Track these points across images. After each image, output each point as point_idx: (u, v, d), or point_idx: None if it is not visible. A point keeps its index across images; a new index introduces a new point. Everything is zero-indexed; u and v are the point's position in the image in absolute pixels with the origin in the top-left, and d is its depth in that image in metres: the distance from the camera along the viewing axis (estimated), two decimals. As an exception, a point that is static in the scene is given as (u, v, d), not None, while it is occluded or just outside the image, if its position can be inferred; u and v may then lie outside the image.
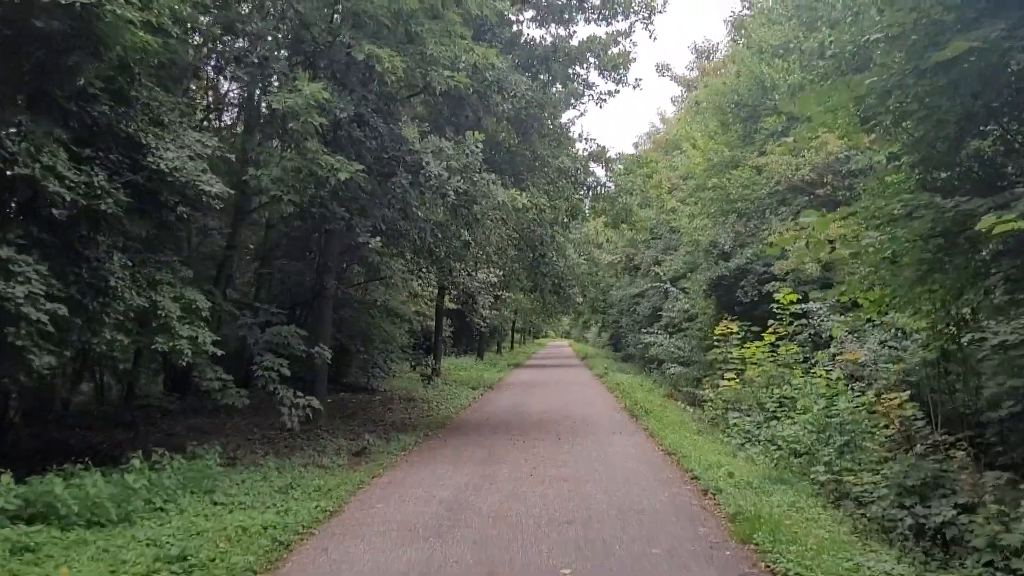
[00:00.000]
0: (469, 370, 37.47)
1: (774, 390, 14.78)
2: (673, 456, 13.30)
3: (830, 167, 19.96)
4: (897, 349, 14.64)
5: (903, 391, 12.50)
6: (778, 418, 13.85)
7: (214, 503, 9.76)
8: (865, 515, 8.78)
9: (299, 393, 13.39)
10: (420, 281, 26.75)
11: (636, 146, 42.29)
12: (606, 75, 17.76)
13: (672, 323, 31.33)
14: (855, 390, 12.75)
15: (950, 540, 7.58)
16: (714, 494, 10.20)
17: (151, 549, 7.35)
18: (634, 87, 18.30)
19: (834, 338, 14.52)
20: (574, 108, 18.60)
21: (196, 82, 17.86)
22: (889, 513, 8.38)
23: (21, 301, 8.07)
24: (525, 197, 13.86)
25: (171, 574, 6.80)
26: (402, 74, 12.11)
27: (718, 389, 17.98)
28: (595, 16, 17.77)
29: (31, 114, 9.06)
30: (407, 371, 29.84)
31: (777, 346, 16.07)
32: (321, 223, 13.25)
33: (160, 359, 18.09)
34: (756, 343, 16.27)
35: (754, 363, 16.45)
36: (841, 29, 10.71)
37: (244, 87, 15.46)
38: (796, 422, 12.78)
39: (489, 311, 35.90)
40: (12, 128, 8.55)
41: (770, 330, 16.57)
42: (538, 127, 16.08)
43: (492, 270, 26.25)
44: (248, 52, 11.42)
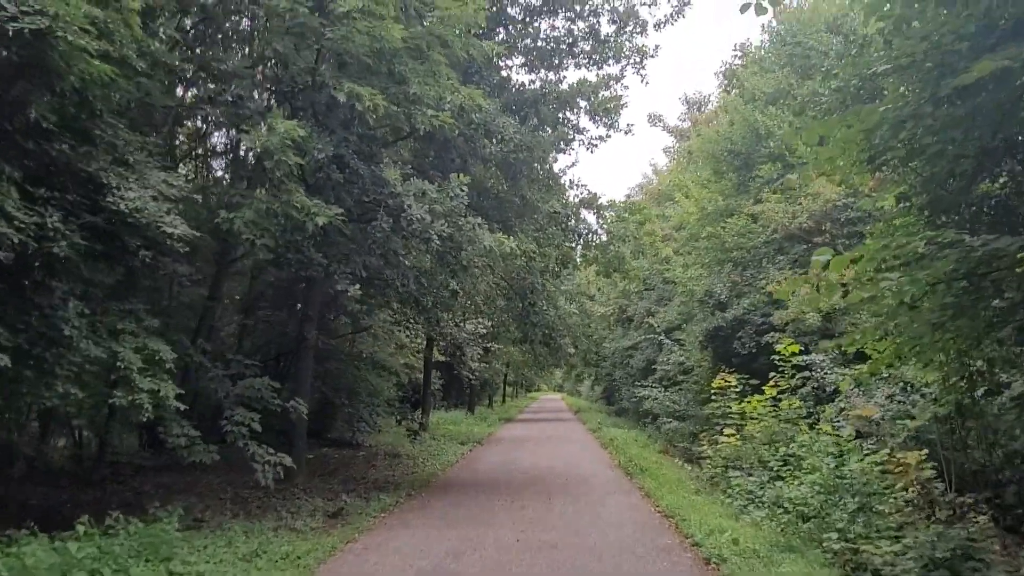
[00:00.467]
0: (458, 424, 36.47)
1: (779, 448, 13.97)
2: (671, 519, 12.44)
3: (828, 215, 19.47)
4: (905, 403, 13.93)
5: (917, 448, 11.76)
6: (783, 478, 13.03)
7: (170, 573, 8.87)
8: (888, 590, 7.97)
9: (271, 449, 12.54)
10: (407, 332, 25.98)
11: (628, 197, 41.93)
12: (597, 119, 17.31)
13: (667, 376, 30.55)
14: (865, 448, 11.98)
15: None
16: (717, 564, 9.34)
17: (85, 632, 6.49)
18: (626, 132, 17.87)
19: (840, 392, 13.77)
20: (565, 153, 18.14)
21: (182, 129, 17.37)
22: (917, 589, 7.58)
23: (-46, 351, 7.31)
24: (513, 242, 13.21)
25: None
26: (384, 113, 11.53)
27: (717, 445, 17.15)
28: (586, 61, 17.39)
29: (-22, 149, 8.42)
30: (393, 426, 28.88)
31: (779, 400, 15.31)
32: (298, 269, 12.54)
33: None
34: (756, 397, 15.51)
35: (755, 418, 15.67)
36: (846, 61, 10.18)
37: (223, 131, 14.96)
38: (803, 482, 11.98)
39: (478, 363, 35.03)
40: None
41: (771, 383, 15.82)
42: (527, 172, 15.53)
43: (480, 320, 25.55)
44: (222, 91, 10.86)
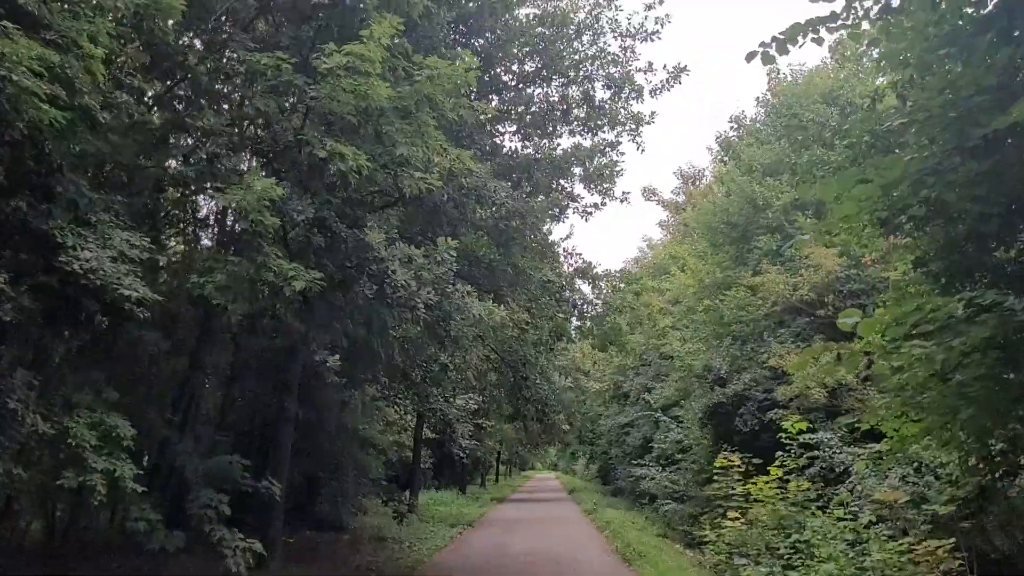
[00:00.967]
0: (449, 505, 35.14)
1: (789, 533, 13.02)
2: (674, 612, 11.42)
3: (830, 287, 18.86)
4: (919, 485, 13.07)
5: (937, 536, 10.88)
6: (794, 567, 12.06)
7: None
8: None
9: (241, 535, 11.56)
10: (396, 408, 25.08)
11: (623, 269, 41.35)
12: (592, 186, 16.84)
13: (664, 455, 29.50)
14: (882, 535, 11.08)
15: None
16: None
17: None
18: (621, 201, 17.40)
19: (856, 472, 12.90)
20: (559, 221, 17.60)
21: (166, 195, 16.81)
22: None
23: None
24: (503, 312, 12.52)
25: None
26: (368, 175, 10.96)
27: (720, 530, 16.14)
28: (580, 128, 17.01)
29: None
30: (380, 506, 27.66)
31: (786, 481, 14.39)
32: (274, 337, 11.79)
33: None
34: (762, 478, 14.58)
35: (761, 501, 14.71)
36: (858, 116, 9.68)
37: (210, 199, 14.36)
38: (817, 572, 11.03)
39: (469, 441, 33.91)
40: None
41: (777, 463, 14.92)
42: (520, 239, 14.94)
43: (471, 396, 24.69)
44: (197, 148, 10.31)
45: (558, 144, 17.11)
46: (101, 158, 10.29)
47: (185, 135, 10.84)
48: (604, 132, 16.88)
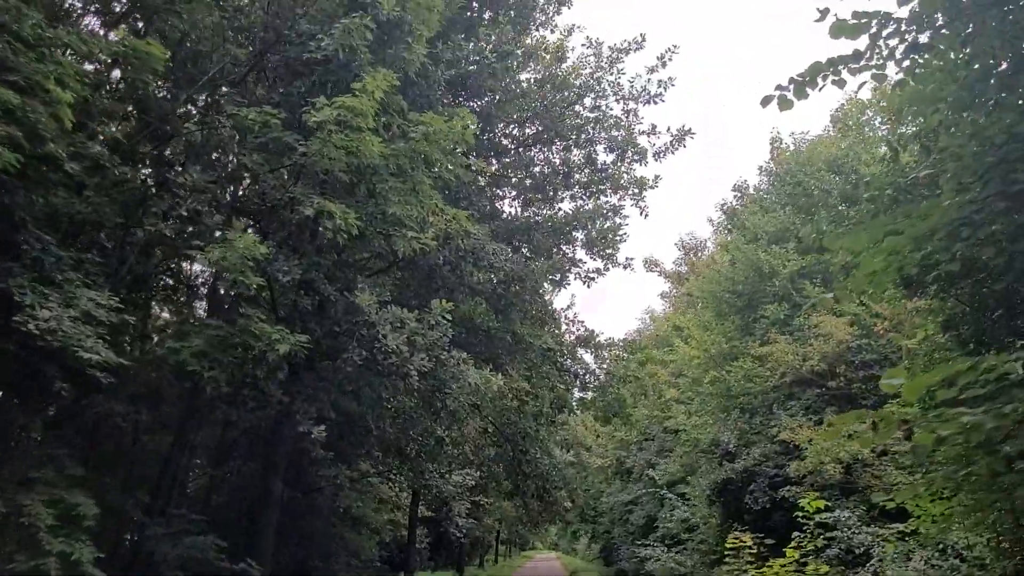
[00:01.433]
0: (446, 587, 33.68)
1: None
2: None
3: (841, 357, 18.14)
4: (943, 568, 12.16)
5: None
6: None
7: None
8: None
9: (215, 623, 10.67)
10: (390, 485, 24.03)
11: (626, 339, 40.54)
12: (594, 251, 16.29)
13: (670, 534, 28.30)
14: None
15: None
16: None
17: None
18: (624, 267, 16.83)
19: (885, 554, 11.98)
20: (561, 288, 17.00)
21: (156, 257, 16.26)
22: None
23: None
24: (501, 380, 11.82)
25: None
26: (359, 233, 10.41)
27: (734, 617, 15.10)
28: (582, 192, 16.57)
29: None
30: (374, 590, 26.33)
31: (803, 564, 13.42)
32: (254, 408, 11.07)
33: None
34: (778, 560, 13.61)
35: (776, 585, 13.71)
36: (880, 168, 9.17)
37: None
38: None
39: (466, 519, 32.64)
40: None
41: (792, 543, 13.95)
42: (519, 304, 14.32)
43: (468, 471, 23.68)
44: (176, 205, 9.78)
45: (559, 208, 16.66)
46: (77, 216, 9.77)
47: (168, 194, 10.32)
48: (607, 195, 16.44)
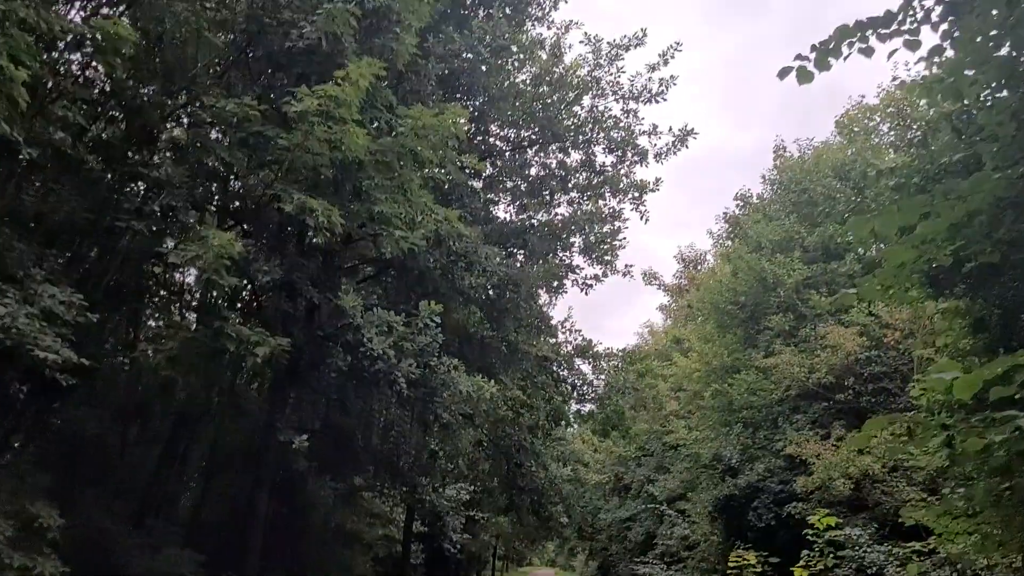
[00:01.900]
0: (441, 605, 32.82)
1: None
2: None
3: (849, 369, 17.52)
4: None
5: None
6: None
7: None
8: None
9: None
10: (383, 500, 23.30)
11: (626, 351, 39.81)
12: (592, 256, 15.65)
13: (669, 551, 27.59)
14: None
15: None
16: None
17: None
18: (624, 274, 16.22)
19: (909, 574, 11.31)
20: (558, 294, 16.34)
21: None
22: None
23: None
24: (494, 387, 11.18)
25: None
26: (342, 231, 9.81)
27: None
28: (580, 197, 15.96)
29: None
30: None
31: (813, 584, 12.75)
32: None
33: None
34: (787, 581, 12.94)
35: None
36: (909, 154, 8.57)
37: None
38: None
39: (461, 535, 31.85)
40: None
41: (801, 562, 13.28)
42: (514, 311, 13.69)
43: (463, 486, 22.96)
44: (149, 200, 9.17)
45: (556, 214, 16.04)
46: (43, 211, 9.18)
47: (141, 189, 9.72)
48: (606, 199, 15.82)
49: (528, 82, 15.32)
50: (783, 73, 5.70)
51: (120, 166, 9.87)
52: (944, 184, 5.57)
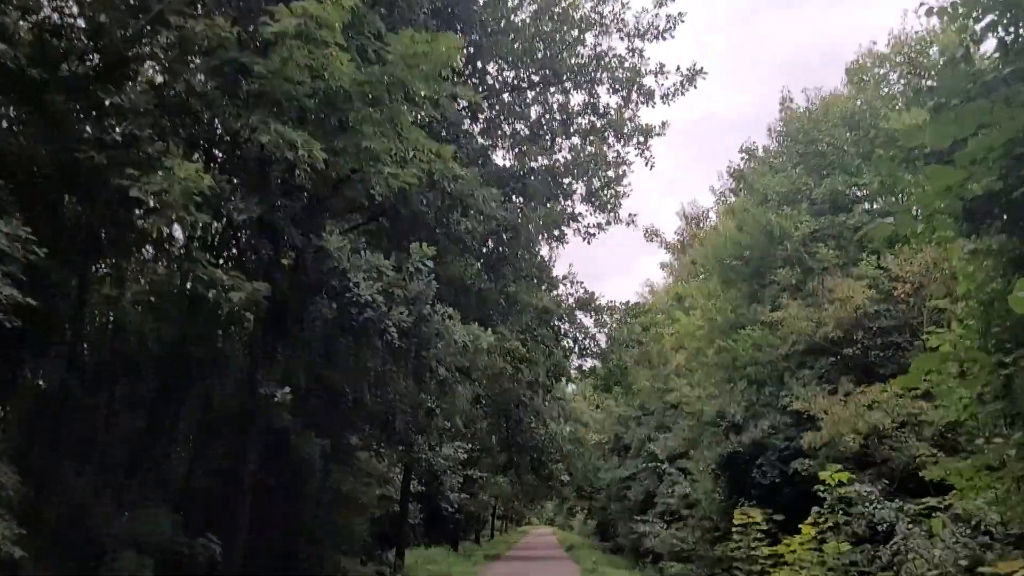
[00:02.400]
0: (439, 563, 32.56)
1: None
2: None
3: (858, 323, 16.91)
4: (967, 547, 10.98)
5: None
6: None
7: None
8: None
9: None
10: (378, 458, 22.85)
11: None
12: (594, 203, 14.94)
13: (669, 510, 27.25)
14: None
15: None
16: None
17: None
18: (627, 223, 15.54)
19: (935, 531, 10.76)
20: (559, 243, 15.62)
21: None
22: None
23: None
24: (492, 337, 10.56)
25: None
26: (327, 168, 9.11)
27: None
28: (581, 142, 15.18)
29: None
30: (364, 568, 25.20)
31: (823, 540, 12.24)
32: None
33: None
34: (796, 538, 12.42)
35: (790, 564, 12.54)
36: (944, 70, 7.84)
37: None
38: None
39: (459, 494, 31.58)
40: None
41: (810, 519, 12.77)
42: (512, 259, 13.02)
43: (460, 444, 22.53)
44: (110, 128, 8.47)
45: (556, 160, 15.24)
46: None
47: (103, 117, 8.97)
48: (610, 143, 15.03)
49: (528, 19, 14.47)
50: None
51: (85, 99, 9.13)
52: (1008, 89, 4.86)
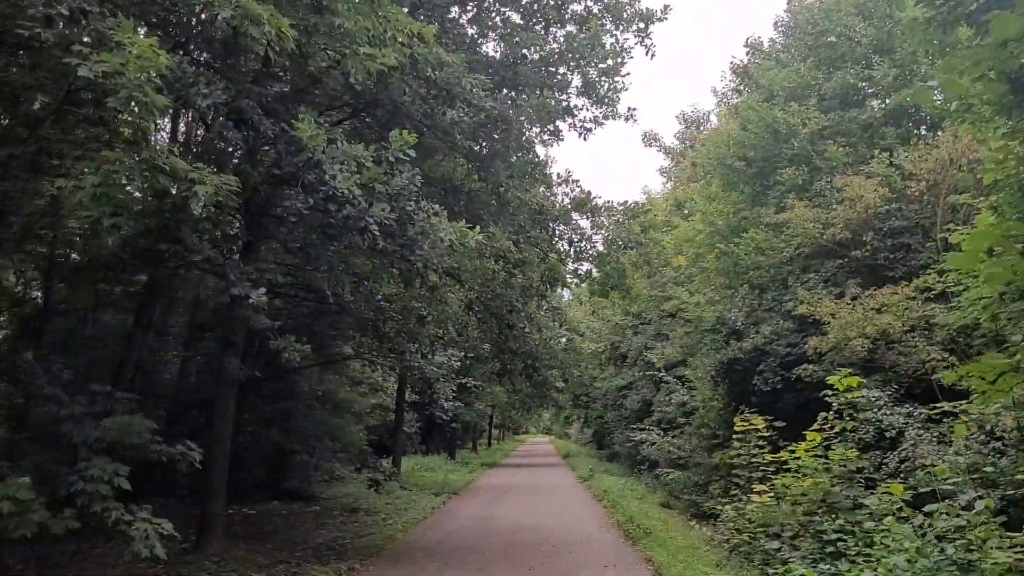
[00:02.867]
0: (436, 471, 32.85)
1: (839, 514, 10.53)
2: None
3: (867, 224, 16.21)
4: (984, 452, 10.58)
5: None
6: (847, 556, 9.58)
7: None
8: None
9: (145, 514, 9.01)
10: (372, 367, 22.54)
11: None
12: (591, 96, 14.00)
13: (666, 418, 27.14)
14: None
15: None
16: None
17: None
18: (626, 119, 14.61)
19: (958, 436, 10.32)
20: (554, 139, 14.71)
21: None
22: None
23: None
24: (480, 235, 9.86)
25: None
26: (296, 49, 8.23)
27: (740, 503, 13.72)
28: (577, 30, 14.14)
29: None
30: (360, 474, 25.16)
31: (828, 447, 11.87)
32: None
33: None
34: (802, 444, 12.04)
35: (793, 471, 12.20)
36: None
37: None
38: (881, 565, 8.54)
39: (453, 403, 31.47)
40: None
41: (815, 425, 12.37)
42: (504, 154, 12.20)
43: (453, 352, 22.14)
44: (55, 2, 7.59)
45: (552, 49, 14.17)
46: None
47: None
48: (608, 27, 13.96)
49: None
50: None
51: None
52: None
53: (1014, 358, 6.81)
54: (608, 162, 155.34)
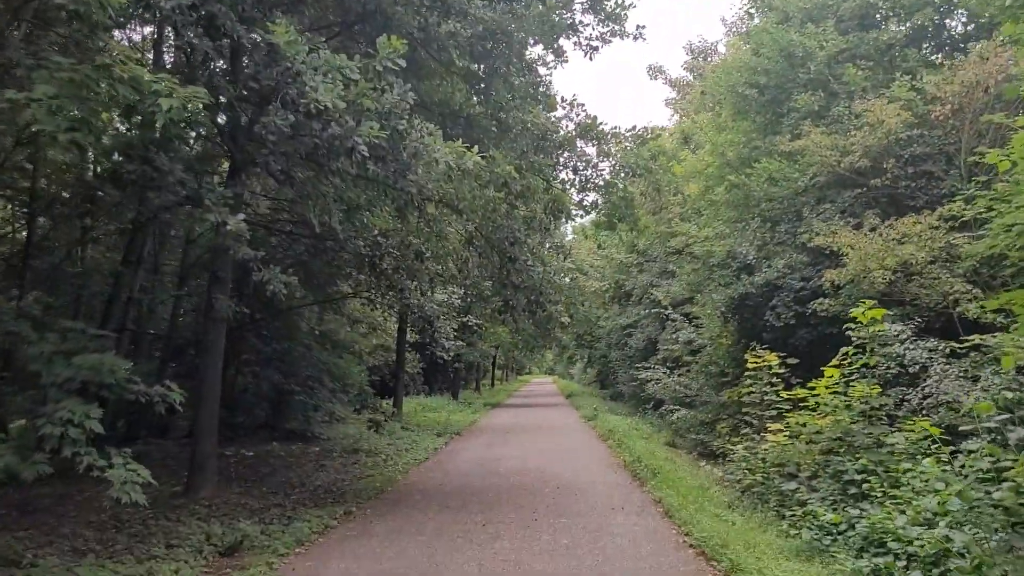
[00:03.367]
0: (439, 411, 32.49)
1: (859, 453, 9.94)
2: (717, 564, 8.38)
3: (888, 150, 15.36)
4: (1017, 389, 9.95)
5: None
6: (871, 498, 9.02)
7: None
8: None
9: (122, 458, 8.42)
10: (371, 306, 21.89)
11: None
12: (597, 11, 13.02)
13: (672, 357, 26.64)
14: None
15: None
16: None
17: None
18: (635, 37, 13.66)
19: (1006, 369, 9.67)
20: (557, 60, 13.76)
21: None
22: None
23: None
24: (477, 156, 9.07)
25: None
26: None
27: (752, 442, 13.18)
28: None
29: None
30: (362, 415, 24.75)
31: (849, 383, 11.24)
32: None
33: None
34: (822, 381, 11.40)
35: (811, 409, 11.59)
36: None
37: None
38: (910, 508, 7.98)
39: (454, 342, 30.94)
40: None
41: (834, 361, 11.72)
42: (504, 74, 11.33)
43: (454, 289, 21.48)
44: None
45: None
46: None
47: None
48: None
49: None
50: None
51: None
52: None
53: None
54: (613, 99, 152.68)
